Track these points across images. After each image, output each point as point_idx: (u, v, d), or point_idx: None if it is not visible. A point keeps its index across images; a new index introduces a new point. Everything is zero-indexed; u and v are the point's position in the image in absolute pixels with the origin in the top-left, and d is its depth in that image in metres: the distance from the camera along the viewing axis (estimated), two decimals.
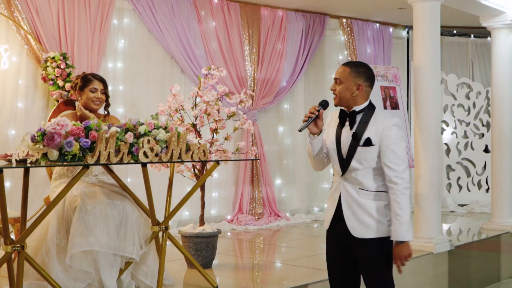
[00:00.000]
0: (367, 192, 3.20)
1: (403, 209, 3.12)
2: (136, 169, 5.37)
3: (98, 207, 3.89)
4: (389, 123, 3.18)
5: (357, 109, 3.25)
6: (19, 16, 5.78)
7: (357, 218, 3.21)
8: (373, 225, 3.19)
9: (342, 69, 3.28)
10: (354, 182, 3.23)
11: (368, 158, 3.18)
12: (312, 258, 5.63)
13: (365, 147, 3.18)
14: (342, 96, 3.26)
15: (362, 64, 3.32)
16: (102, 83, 4.36)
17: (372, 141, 3.17)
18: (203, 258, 4.99)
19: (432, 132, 5.71)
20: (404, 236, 3.12)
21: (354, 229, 3.22)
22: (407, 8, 6.76)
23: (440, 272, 5.79)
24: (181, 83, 6.91)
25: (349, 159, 3.22)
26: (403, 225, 3.11)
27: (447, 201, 9.12)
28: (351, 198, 3.23)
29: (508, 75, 7.07)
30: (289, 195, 8.11)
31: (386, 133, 3.15)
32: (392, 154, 3.14)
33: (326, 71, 8.50)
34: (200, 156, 3.95)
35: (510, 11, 6.93)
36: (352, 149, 3.22)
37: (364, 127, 3.21)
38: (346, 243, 3.27)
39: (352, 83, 3.24)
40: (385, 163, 3.15)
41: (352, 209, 3.23)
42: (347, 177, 3.25)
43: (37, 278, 3.79)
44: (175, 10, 6.90)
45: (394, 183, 3.13)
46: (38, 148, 3.34)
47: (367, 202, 3.20)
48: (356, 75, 3.24)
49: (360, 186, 3.22)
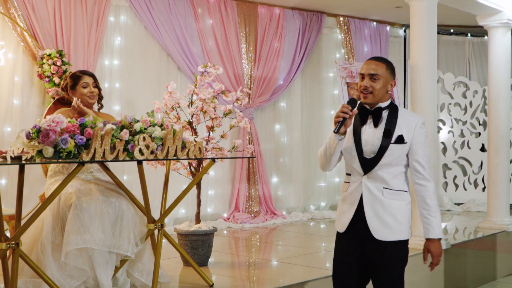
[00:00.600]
0: (392, 191, 3.12)
1: (436, 207, 3.14)
2: (132, 167, 5.36)
3: (94, 204, 3.88)
4: (420, 120, 3.16)
5: (383, 106, 3.15)
6: (15, 13, 5.76)
7: (380, 220, 3.10)
8: (396, 227, 3.11)
9: (377, 65, 3.13)
10: (379, 181, 3.12)
11: (398, 156, 3.12)
12: (308, 256, 5.63)
13: (397, 145, 3.11)
14: (379, 93, 3.12)
15: (389, 61, 3.24)
16: (91, 77, 4.37)
17: (404, 139, 3.11)
18: (199, 256, 4.98)
19: (429, 131, 5.70)
20: (440, 234, 3.14)
21: (376, 231, 3.10)
22: (404, 6, 6.76)
23: (435, 271, 5.79)
24: (177, 81, 6.91)
25: (379, 156, 3.11)
26: (438, 224, 3.13)
27: (443, 200, 9.12)
28: (374, 198, 3.12)
29: (504, 74, 7.07)
30: (286, 193, 8.10)
31: (419, 131, 3.13)
32: (424, 152, 3.13)
33: (323, 70, 8.50)
34: (196, 153, 3.94)
35: (507, 10, 6.93)
36: (383, 147, 3.11)
37: (393, 124, 3.13)
38: (361, 245, 3.16)
39: (387, 80, 3.15)
40: (417, 160, 3.12)
41: (375, 210, 3.11)
42: (370, 176, 3.13)
43: (32, 275, 3.78)
44: (172, 8, 6.88)
45: (427, 180, 3.13)
46: (33, 145, 3.33)
47: (391, 202, 3.11)
48: (391, 72, 3.17)
49: (385, 185, 3.12)
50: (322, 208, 8.40)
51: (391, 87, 3.17)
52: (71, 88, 4.33)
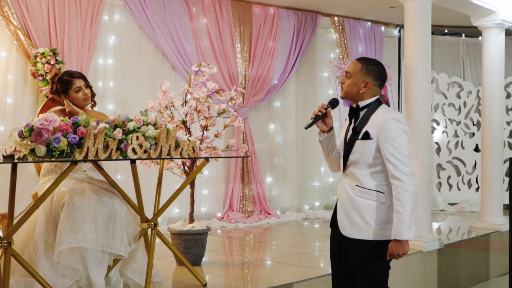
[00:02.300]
0: (364, 190, 3.13)
1: (403, 207, 3.00)
2: (125, 166, 5.35)
3: (87, 203, 3.86)
4: (389, 116, 3.10)
5: (361, 105, 3.21)
6: (8, 11, 5.74)
7: (348, 217, 3.16)
8: (362, 226, 3.12)
9: (354, 64, 3.22)
10: (352, 178, 3.17)
11: (366, 152, 3.12)
12: (302, 256, 5.63)
13: (363, 141, 3.12)
14: (348, 90, 3.21)
15: (376, 63, 3.24)
16: (82, 79, 4.27)
17: (370, 135, 3.11)
18: (193, 255, 4.97)
19: (423, 131, 5.72)
20: (403, 234, 3.01)
21: (343, 227, 3.18)
22: (398, 6, 6.76)
23: (429, 271, 5.80)
24: (171, 80, 6.89)
25: (348, 153, 3.19)
26: (403, 223, 3.00)
27: (437, 200, 9.14)
28: (346, 196, 3.18)
29: (498, 75, 7.08)
30: (280, 193, 8.10)
31: (385, 127, 3.07)
32: (393, 148, 3.04)
33: (318, 69, 8.50)
34: (189, 153, 3.93)
35: (501, 11, 6.95)
36: (350, 143, 3.18)
37: (365, 122, 3.16)
38: (340, 241, 3.24)
39: (360, 79, 3.19)
40: (386, 157, 3.06)
41: (345, 207, 3.18)
42: (347, 174, 3.21)
43: (25, 275, 3.76)
44: (166, 7, 6.87)
45: (396, 179, 3.03)
46: (25, 143, 3.32)
47: (361, 200, 3.12)
48: (366, 72, 3.18)
49: (357, 183, 3.15)
50: (316, 208, 8.40)
51: (366, 88, 3.18)
52: (62, 93, 4.26)
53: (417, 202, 5.66)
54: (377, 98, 3.22)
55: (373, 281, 3.15)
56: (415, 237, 5.63)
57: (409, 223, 3.02)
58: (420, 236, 5.69)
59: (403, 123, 3.13)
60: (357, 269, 3.18)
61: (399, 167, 3.03)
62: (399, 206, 3.01)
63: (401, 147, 3.05)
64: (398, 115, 3.14)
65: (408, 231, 3.01)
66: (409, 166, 3.05)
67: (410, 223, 3.02)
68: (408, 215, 3.02)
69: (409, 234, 3.02)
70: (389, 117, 3.10)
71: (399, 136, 3.07)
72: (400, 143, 3.06)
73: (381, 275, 3.18)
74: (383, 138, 3.08)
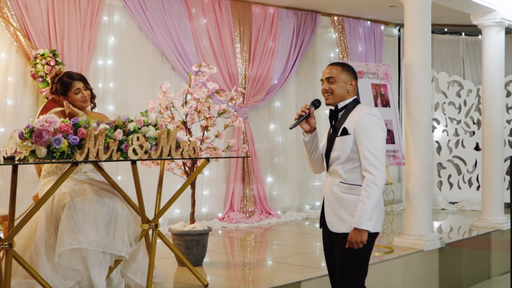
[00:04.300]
0: (347, 185, 3.25)
1: (369, 198, 3.12)
2: (126, 167, 5.35)
3: (88, 204, 3.86)
4: (365, 112, 3.24)
5: (340, 106, 3.35)
6: (8, 12, 5.73)
7: (335, 213, 3.28)
8: (349, 220, 3.22)
9: (334, 68, 3.37)
10: (336, 175, 3.30)
11: (345, 147, 3.24)
12: (303, 256, 5.62)
13: (342, 137, 3.26)
14: (338, 93, 3.34)
15: (347, 63, 3.44)
16: (81, 81, 4.26)
17: (348, 130, 3.24)
18: (194, 256, 4.97)
19: (423, 130, 5.72)
20: (363, 224, 3.12)
21: (331, 223, 3.31)
22: (398, 5, 6.76)
23: (430, 270, 5.80)
24: (171, 81, 6.90)
25: (329, 150, 3.32)
26: (365, 213, 3.12)
27: (438, 199, 9.14)
28: (331, 193, 3.31)
29: (498, 73, 7.08)
30: (281, 193, 8.10)
31: (361, 121, 3.21)
32: (367, 142, 3.18)
33: (318, 69, 8.49)
34: (190, 153, 3.93)
35: (500, 9, 6.95)
36: (330, 141, 3.32)
37: (343, 119, 3.30)
38: (330, 240, 3.37)
39: (346, 81, 3.34)
40: (361, 151, 3.19)
41: (331, 203, 3.30)
42: (331, 172, 3.33)
43: (26, 276, 3.76)
44: (166, 7, 6.87)
45: (367, 172, 3.16)
46: (26, 145, 3.31)
47: (345, 196, 3.25)
48: (348, 74, 3.35)
49: (341, 180, 3.28)
50: (317, 208, 8.39)
51: (351, 87, 3.35)
52: (62, 94, 4.26)
53: (418, 201, 5.68)
54: (355, 98, 3.37)
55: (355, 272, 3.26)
56: (415, 236, 5.68)
57: (370, 214, 3.13)
58: (421, 235, 5.69)
59: (379, 119, 3.26)
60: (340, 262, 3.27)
61: (371, 161, 3.16)
62: (365, 197, 3.13)
63: (376, 142, 3.19)
64: (374, 111, 3.30)
65: (368, 222, 3.13)
66: (381, 161, 3.17)
67: (371, 214, 3.13)
68: (372, 206, 3.13)
69: (368, 225, 3.13)
70: (366, 112, 3.25)
71: (375, 131, 3.21)
72: (376, 138, 3.20)
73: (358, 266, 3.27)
74: (359, 132, 3.21)
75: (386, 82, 5.86)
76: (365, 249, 3.24)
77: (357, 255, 3.24)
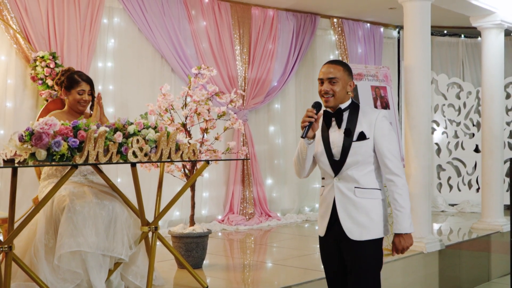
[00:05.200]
0: (363, 190, 3.12)
1: (406, 201, 3.11)
2: (126, 169, 5.35)
3: (87, 207, 3.86)
4: (379, 114, 3.16)
5: (343, 107, 3.18)
6: (7, 15, 5.73)
7: (354, 220, 3.11)
8: (370, 226, 3.10)
9: (335, 68, 3.16)
10: (350, 181, 3.13)
11: (364, 152, 3.12)
12: (303, 258, 5.62)
13: (359, 142, 3.12)
14: (339, 95, 3.15)
15: (345, 63, 3.30)
16: (89, 85, 4.30)
17: (366, 135, 3.12)
18: (194, 258, 4.97)
19: (423, 132, 5.72)
20: (408, 228, 3.11)
21: (351, 231, 3.11)
22: (397, 8, 6.77)
23: (430, 272, 5.80)
24: (171, 83, 6.89)
25: (344, 157, 3.13)
26: (407, 216, 3.10)
27: (437, 201, 9.14)
28: (346, 199, 3.13)
29: (498, 75, 7.08)
30: (280, 195, 8.10)
31: (379, 124, 3.12)
32: (390, 145, 3.12)
33: (317, 71, 8.40)
34: (189, 156, 3.93)
35: (500, 11, 6.95)
36: (346, 146, 3.13)
37: (355, 122, 3.15)
38: (339, 247, 3.19)
39: (347, 81, 3.18)
40: (384, 154, 3.10)
41: (348, 210, 3.13)
42: (341, 177, 3.15)
43: (25, 279, 3.76)
44: (166, 9, 6.87)
45: (396, 175, 3.10)
46: (25, 148, 3.31)
47: (363, 201, 3.11)
48: (348, 74, 3.20)
49: (356, 185, 3.13)
50: (317, 210, 8.37)
51: (350, 88, 3.21)
52: (65, 89, 4.29)
53: (418, 203, 5.67)
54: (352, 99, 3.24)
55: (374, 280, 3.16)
56: (415, 238, 5.68)
57: (410, 217, 3.14)
58: (421, 237, 5.69)
59: (389, 121, 3.23)
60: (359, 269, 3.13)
61: (397, 164, 3.11)
62: (402, 201, 3.10)
63: (395, 145, 3.15)
64: (385, 112, 3.22)
65: (410, 225, 3.13)
66: (401, 163, 3.16)
67: (410, 216, 3.14)
68: (409, 209, 3.13)
69: (411, 228, 3.14)
70: (380, 114, 3.16)
71: (392, 135, 3.16)
72: (393, 141, 3.16)
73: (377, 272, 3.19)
74: (379, 135, 3.12)
75: (385, 84, 5.86)
76: (380, 255, 3.19)
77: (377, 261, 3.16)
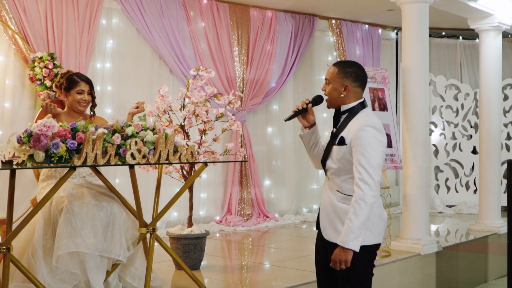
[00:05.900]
0: (343, 195, 3.08)
1: (356, 216, 2.91)
2: (124, 171, 5.34)
3: (85, 208, 3.86)
4: (365, 123, 3.01)
5: (342, 109, 3.15)
6: (6, 15, 5.73)
7: (329, 220, 3.12)
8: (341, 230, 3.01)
9: (331, 69, 3.17)
10: (332, 183, 3.14)
11: (341, 158, 3.06)
12: (301, 259, 5.63)
13: (339, 146, 3.08)
14: (331, 96, 3.16)
15: (351, 64, 3.18)
16: (88, 85, 4.34)
17: (345, 140, 3.05)
18: (191, 259, 4.97)
19: (420, 133, 5.73)
20: (348, 243, 2.92)
21: (325, 231, 3.14)
22: (396, 9, 6.78)
23: (427, 273, 5.81)
24: (169, 84, 6.89)
25: (325, 158, 3.16)
26: (351, 231, 2.92)
27: (435, 202, 9.15)
28: (328, 200, 3.14)
29: (496, 77, 7.10)
30: (278, 196, 8.10)
31: (358, 133, 2.99)
32: (362, 156, 2.95)
33: (315, 72, 8.51)
34: (188, 157, 3.93)
35: (498, 13, 6.97)
36: (328, 148, 3.15)
37: (343, 127, 3.11)
38: (323, 245, 3.19)
39: (339, 83, 3.12)
40: (354, 164, 2.99)
41: (327, 211, 3.14)
42: (329, 177, 3.17)
43: (23, 280, 3.76)
44: (164, 10, 6.87)
45: (358, 187, 2.95)
46: (24, 149, 3.31)
47: (343, 206, 3.06)
48: (343, 76, 3.12)
49: (337, 188, 3.11)
50: (315, 211, 8.40)
51: (346, 91, 3.12)
52: (65, 90, 4.31)
53: (415, 205, 5.69)
54: (361, 102, 3.15)
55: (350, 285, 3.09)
56: (412, 240, 5.69)
57: (357, 233, 2.93)
58: (418, 239, 5.70)
59: (379, 131, 3.03)
60: (339, 275, 3.10)
61: (363, 176, 2.94)
62: (352, 214, 2.93)
63: (371, 157, 2.96)
64: (375, 122, 3.05)
65: (354, 241, 2.93)
66: (373, 177, 2.95)
67: (358, 233, 2.93)
68: (359, 225, 2.93)
69: (354, 244, 2.93)
70: (365, 123, 3.01)
71: (372, 145, 2.98)
72: (372, 152, 2.97)
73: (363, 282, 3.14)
74: (355, 144, 3.00)
75: (383, 86, 5.87)
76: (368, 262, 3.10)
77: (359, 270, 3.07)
